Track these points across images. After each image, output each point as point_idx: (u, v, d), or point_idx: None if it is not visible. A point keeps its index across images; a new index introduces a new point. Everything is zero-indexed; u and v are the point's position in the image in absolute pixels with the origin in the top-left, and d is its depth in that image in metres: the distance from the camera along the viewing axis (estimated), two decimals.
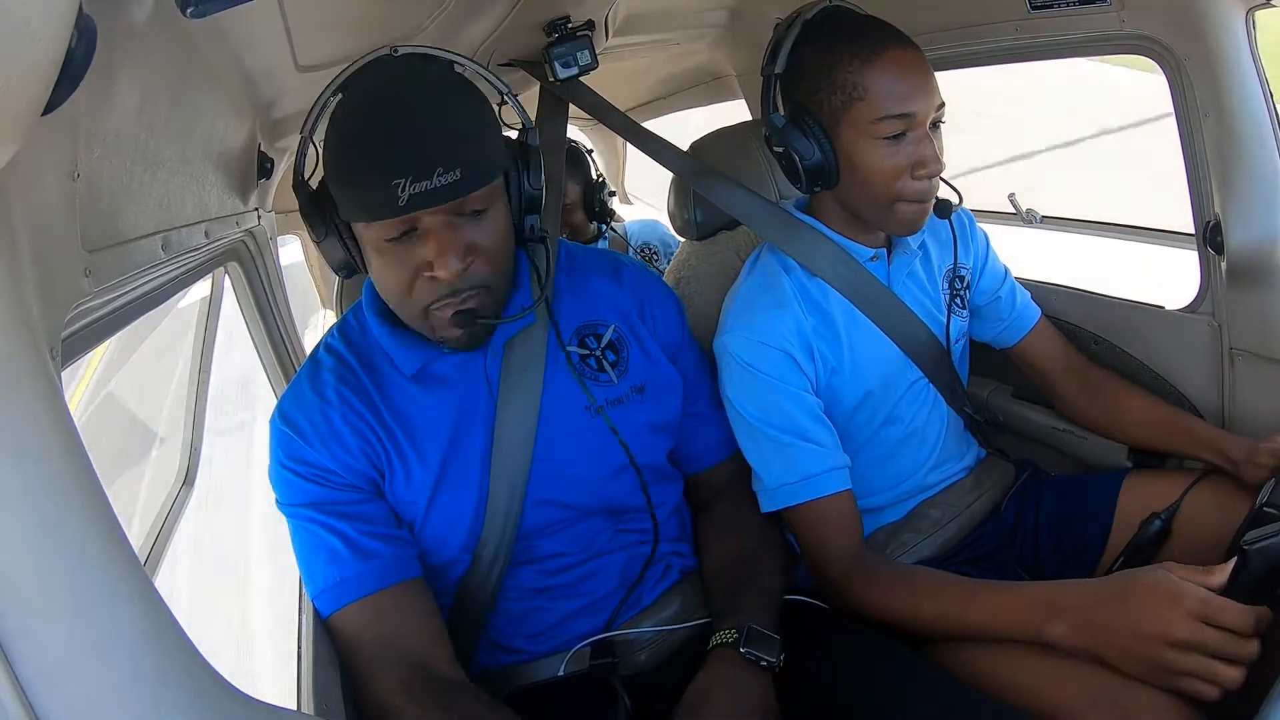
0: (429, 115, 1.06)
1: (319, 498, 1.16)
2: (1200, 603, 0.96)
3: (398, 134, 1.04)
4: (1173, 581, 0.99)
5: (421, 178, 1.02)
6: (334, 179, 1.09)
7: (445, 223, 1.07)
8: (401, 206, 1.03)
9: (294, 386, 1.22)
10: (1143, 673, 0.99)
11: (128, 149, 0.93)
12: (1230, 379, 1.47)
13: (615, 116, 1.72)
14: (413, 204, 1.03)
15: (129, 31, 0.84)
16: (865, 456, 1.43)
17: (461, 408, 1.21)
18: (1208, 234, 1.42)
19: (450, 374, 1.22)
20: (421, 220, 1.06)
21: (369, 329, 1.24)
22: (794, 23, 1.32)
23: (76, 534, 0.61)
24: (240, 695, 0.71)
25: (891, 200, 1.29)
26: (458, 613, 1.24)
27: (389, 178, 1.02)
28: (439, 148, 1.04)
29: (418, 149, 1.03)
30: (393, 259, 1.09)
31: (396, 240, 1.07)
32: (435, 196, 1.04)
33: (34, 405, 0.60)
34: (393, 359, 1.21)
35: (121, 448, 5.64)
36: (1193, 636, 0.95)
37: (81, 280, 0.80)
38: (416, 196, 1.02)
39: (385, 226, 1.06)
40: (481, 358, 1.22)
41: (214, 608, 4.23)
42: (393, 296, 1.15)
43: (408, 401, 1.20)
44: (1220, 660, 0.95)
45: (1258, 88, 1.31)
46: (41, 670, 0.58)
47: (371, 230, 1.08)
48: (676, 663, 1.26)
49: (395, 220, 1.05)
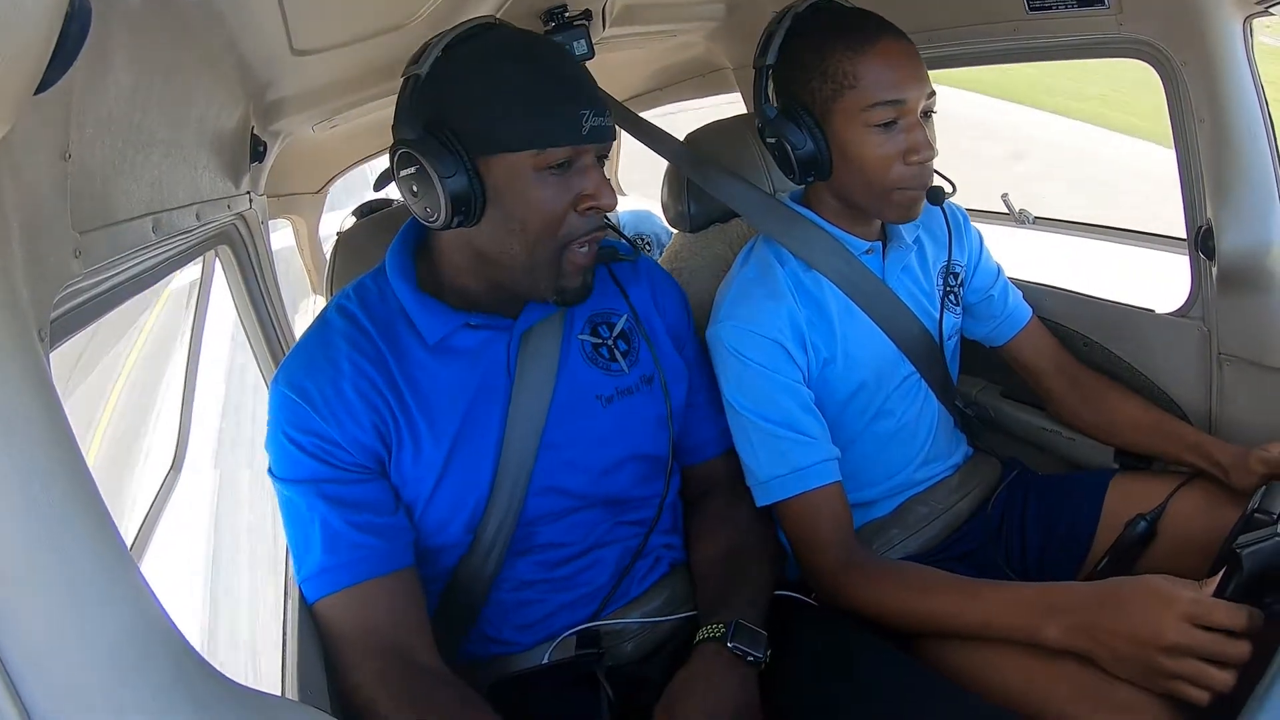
0: (581, 64, 1.17)
1: (318, 474, 1.13)
2: (1191, 603, 0.97)
3: (576, 70, 1.14)
4: (1165, 586, 1.01)
5: (599, 114, 1.11)
6: (503, 110, 1.09)
7: (596, 161, 1.15)
8: (584, 135, 1.10)
9: (302, 351, 1.18)
10: (1135, 677, 1.01)
11: (120, 130, 0.92)
12: (1218, 384, 1.47)
13: (613, 106, 1.72)
14: (592, 135, 1.11)
15: (124, 12, 0.83)
16: (857, 450, 1.43)
17: (480, 387, 1.20)
18: (1200, 239, 1.42)
19: (472, 349, 1.21)
20: (583, 155, 1.13)
21: (390, 294, 1.22)
22: (785, 15, 1.33)
23: (62, 517, 0.60)
24: (224, 680, 0.71)
25: (886, 188, 1.30)
26: (449, 601, 1.24)
27: (577, 107, 1.09)
28: (602, 93, 1.16)
29: (594, 87, 1.14)
30: (552, 190, 1.11)
31: (555, 171, 1.11)
32: (606, 133, 1.13)
33: (21, 386, 0.60)
34: (416, 325, 1.19)
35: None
36: (1184, 639, 0.96)
37: (71, 261, 0.80)
38: (596, 129, 1.11)
39: (556, 154, 1.10)
40: (504, 339, 1.22)
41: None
42: (535, 230, 1.13)
43: (424, 374, 1.18)
44: (1212, 664, 0.96)
45: (1253, 95, 1.31)
46: (25, 653, 0.58)
47: (540, 158, 1.09)
48: (662, 655, 1.27)
49: (568, 149, 1.10)
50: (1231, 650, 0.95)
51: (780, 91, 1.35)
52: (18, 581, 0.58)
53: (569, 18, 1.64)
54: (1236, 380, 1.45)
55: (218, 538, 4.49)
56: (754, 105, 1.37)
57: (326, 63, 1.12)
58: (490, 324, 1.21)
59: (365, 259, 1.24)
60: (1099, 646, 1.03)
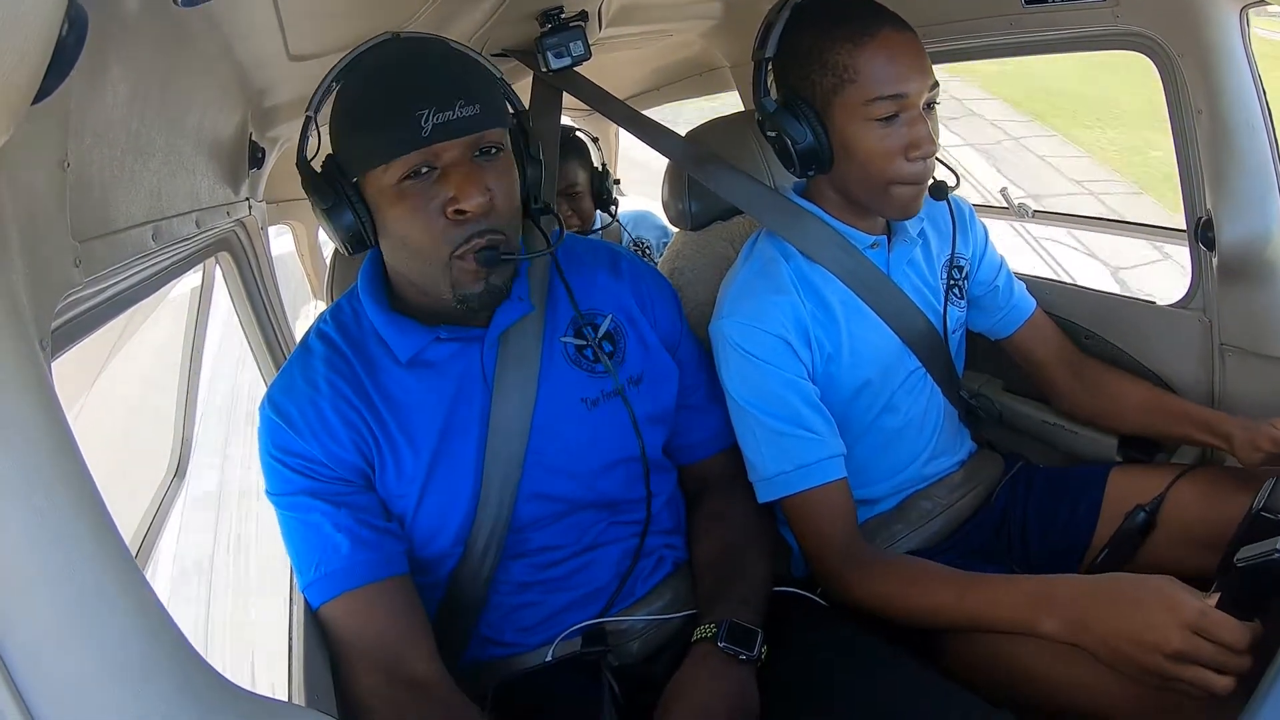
0: (443, 59, 1.11)
1: (307, 489, 1.15)
2: (1198, 613, 0.96)
3: (419, 70, 1.08)
4: (1170, 590, 1.00)
5: (444, 108, 1.04)
6: (350, 129, 1.09)
7: (464, 158, 1.08)
8: (425, 137, 1.04)
9: (284, 374, 1.21)
10: (1135, 675, 1.00)
11: (118, 138, 0.92)
12: (1220, 374, 1.48)
13: (611, 104, 1.72)
14: (436, 134, 1.04)
15: (120, 20, 0.83)
16: (864, 445, 1.43)
17: (456, 397, 1.20)
18: (1199, 230, 1.42)
19: (445, 361, 1.21)
20: (442, 156, 1.07)
21: (364, 314, 1.23)
22: (785, 6, 1.32)
23: (65, 525, 0.60)
24: (229, 685, 0.71)
25: (886, 183, 1.29)
26: (448, 607, 1.24)
27: (412, 108, 1.04)
28: (458, 82, 1.07)
29: (438, 82, 1.06)
30: (413, 202, 1.08)
31: (415, 180, 1.07)
32: (458, 127, 1.06)
33: (23, 396, 0.60)
34: (388, 344, 1.20)
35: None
36: (1188, 648, 0.96)
37: (71, 270, 0.80)
38: (440, 126, 1.04)
39: (406, 162, 1.06)
40: (478, 348, 1.21)
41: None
42: (414, 246, 1.11)
43: (401, 389, 1.19)
44: (1213, 670, 0.95)
45: (1250, 85, 1.31)
46: (30, 660, 0.58)
47: (390, 172, 1.07)
48: (667, 654, 1.26)
49: (417, 154, 1.06)
50: (1233, 663, 0.95)
51: (780, 84, 1.34)
52: (22, 590, 0.58)
53: (565, 19, 1.64)
54: (1238, 370, 1.45)
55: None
56: (753, 99, 1.36)
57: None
58: (460, 335, 1.21)
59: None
60: (1097, 642, 1.03)
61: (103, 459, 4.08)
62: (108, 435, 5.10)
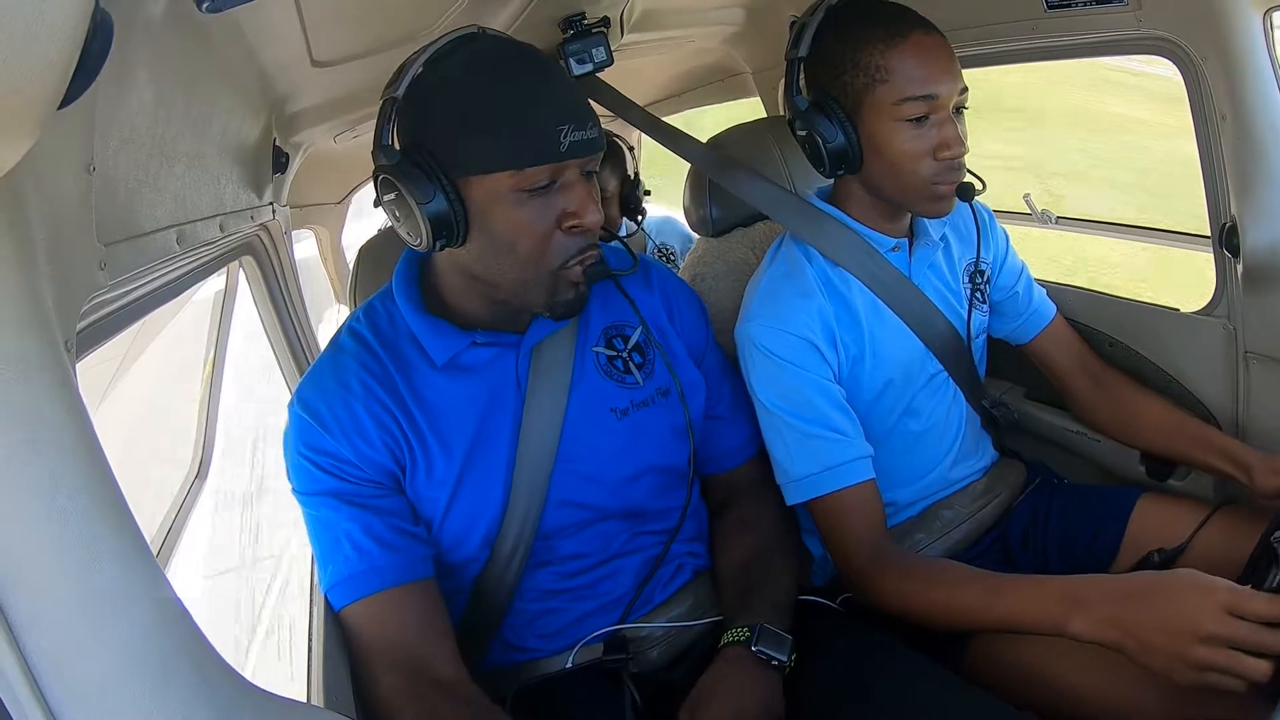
0: (563, 74, 1.11)
1: (336, 489, 1.14)
2: (1229, 592, 0.96)
3: (556, 83, 1.08)
4: (1202, 576, 0.99)
5: (580, 127, 1.06)
6: (473, 128, 1.06)
7: (580, 175, 1.11)
8: (563, 152, 1.05)
9: (315, 372, 1.20)
10: (1167, 668, 0.99)
11: (143, 143, 0.93)
12: (1245, 382, 1.46)
13: (634, 111, 1.72)
14: (572, 150, 1.06)
15: (145, 26, 0.84)
16: (887, 449, 1.42)
17: (489, 402, 1.20)
18: (1224, 236, 1.41)
19: (480, 366, 1.20)
20: (565, 171, 1.09)
21: (399, 316, 1.22)
22: (818, 8, 1.32)
23: (88, 526, 0.61)
24: (248, 686, 0.72)
25: (916, 183, 1.29)
26: (472, 613, 1.24)
27: (555, 122, 1.05)
28: (585, 104, 1.09)
29: (574, 98, 1.09)
30: (532, 211, 1.08)
31: (537, 191, 1.08)
32: (589, 147, 1.08)
33: (49, 398, 0.61)
34: (423, 346, 1.19)
35: None
36: (1222, 629, 0.95)
37: (96, 273, 0.81)
38: (576, 144, 1.06)
39: (535, 174, 1.06)
40: (513, 354, 1.21)
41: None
42: (523, 253, 1.11)
43: (434, 392, 1.18)
44: (1247, 654, 0.94)
45: (1275, 89, 1.30)
46: (52, 661, 0.59)
47: (518, 179, 1.06)
48: (687, 661, 1.26)
49: (547, 168, 1.06)
50: (1270, 640, 0.93)
51: (811, 84, 1.35)
52: (44, 589, 0.59)
53: (587, 25, 1.64)
54: (1263, 378, 1.43)
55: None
56: (784, 98, 1.37)
57: (346, 73, 1.13)
58: (497, 340, 1.21)
59: (388, 269, 1.25)
60: (1128, 638, 1.01)
61: (127, 459, 4.13)
62: (130, 437, 5.15)
